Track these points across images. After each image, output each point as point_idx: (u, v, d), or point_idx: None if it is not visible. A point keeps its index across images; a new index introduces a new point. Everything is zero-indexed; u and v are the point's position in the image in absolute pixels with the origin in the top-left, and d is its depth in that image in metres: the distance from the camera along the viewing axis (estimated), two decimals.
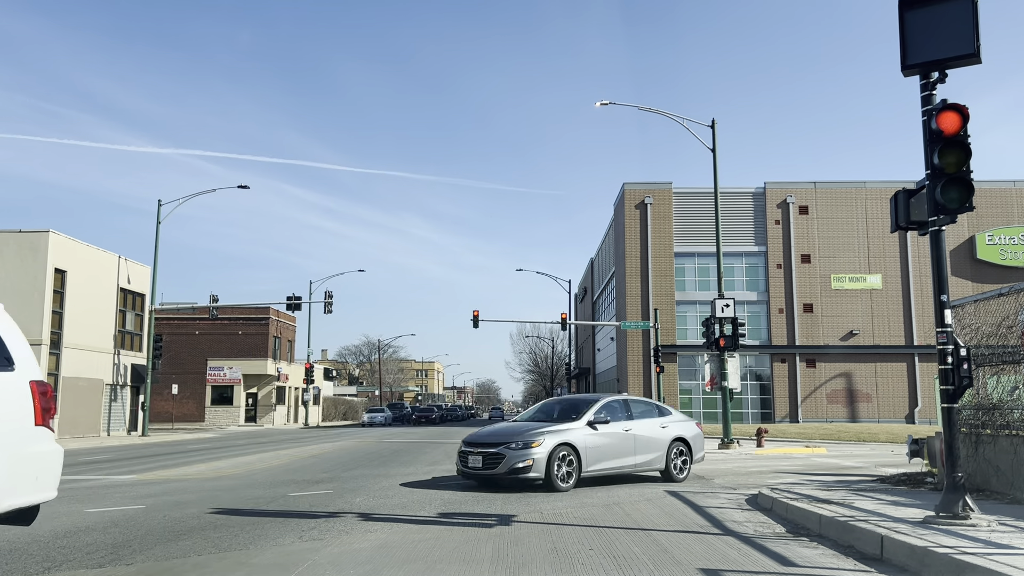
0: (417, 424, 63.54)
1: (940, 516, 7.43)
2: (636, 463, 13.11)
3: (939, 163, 7.50)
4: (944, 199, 7.45)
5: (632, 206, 50.59)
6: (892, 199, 8.30)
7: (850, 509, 8.55)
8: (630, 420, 13.27)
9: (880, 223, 48.77)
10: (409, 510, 9.83)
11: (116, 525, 8.54)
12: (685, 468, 13.93)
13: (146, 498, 11.18)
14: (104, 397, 37.99)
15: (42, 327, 32.77)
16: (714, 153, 25.51)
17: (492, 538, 7.76)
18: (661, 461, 13.53)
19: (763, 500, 10.39)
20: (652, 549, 7.16)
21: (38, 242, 33.28)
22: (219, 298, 45.84)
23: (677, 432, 13.95)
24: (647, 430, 13.40)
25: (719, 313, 23.48)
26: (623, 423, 13.07)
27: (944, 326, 7.69)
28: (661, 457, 13.52)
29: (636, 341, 49.83)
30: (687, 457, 14.02)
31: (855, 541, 7.23)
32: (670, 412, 14.42)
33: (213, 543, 7.48)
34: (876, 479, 12.61)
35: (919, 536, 6.68)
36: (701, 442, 14.69)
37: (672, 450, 13.71)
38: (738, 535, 7.92)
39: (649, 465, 13.35)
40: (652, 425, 13.59)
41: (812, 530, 8.17)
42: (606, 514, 9.51)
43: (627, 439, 12.97)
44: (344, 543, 7.49)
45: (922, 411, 47.18)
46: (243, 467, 17.15)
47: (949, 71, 7.77)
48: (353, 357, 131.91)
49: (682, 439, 14.01)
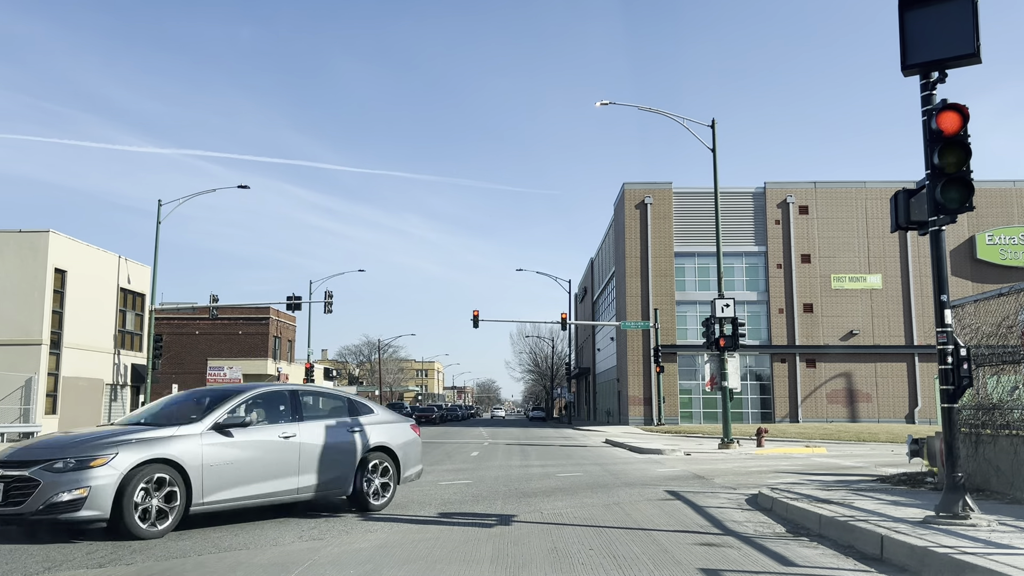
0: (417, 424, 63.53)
1: (940, 516, 7.43)
2: (301, 486, 9.12)
3: (939, 163, 7.50)
4: (944, 199, 7.45)
5: (632, 206, 50.60)
6: (892, 199, 8.31)
7: (850, 509, 8.55)
8: (297, 422, 9.35)
9: (880, 223, 48.79)
10: (409, 510, 9.84)
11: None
12: (387, 491, 9.98)
13: None
14: (104, 397, 38.00)
15: (42, 327, 32.78)
16: (714, 153, 25.50)
17: (492, 538, 7.77)
18: (346, 482, 9.58)
19: (763, 500, 10.39)
20: (652, 549, 7.16)
21: (38, 242, 33.28)
22: (219, 298, 45.88)
23: (377, 439, 10.00)
24: (324, 436, 9.47)
25: (719, 313, 23.48)
26: (282, 426, 9.17)
27: (944, 326, 7.69)
28: (346, 476, 9.57)
29: (636, 341, 49.84)
30: (392, 475, 10.08)
31: (855, 541, 7.24)
32: (371, 410, 10.47)
33: (213, 543, 7.48)
34: (876, 479, 12.61)
35: (919, 536, 6.68)
36: (416, 453, 10.78)
37: (367, 465, 9.77)
38: (738, 535, 7.92)
39: (325, 488, 9.39)
40: (334, 430, 9.67)
41: (812, 530, 8.17)
42: (606, 514, 9.51)
43: (286, 450, 9.02)
44: (344, 543, 7.50)
45: (922, 411, 47.19)
46: None
47: (949, 71, 7.76)
48: (353, 357, 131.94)
49: (385, 449, 10.06)
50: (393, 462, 10.14)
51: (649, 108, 26.90)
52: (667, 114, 26.14)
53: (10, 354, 31.91)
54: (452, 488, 12.48)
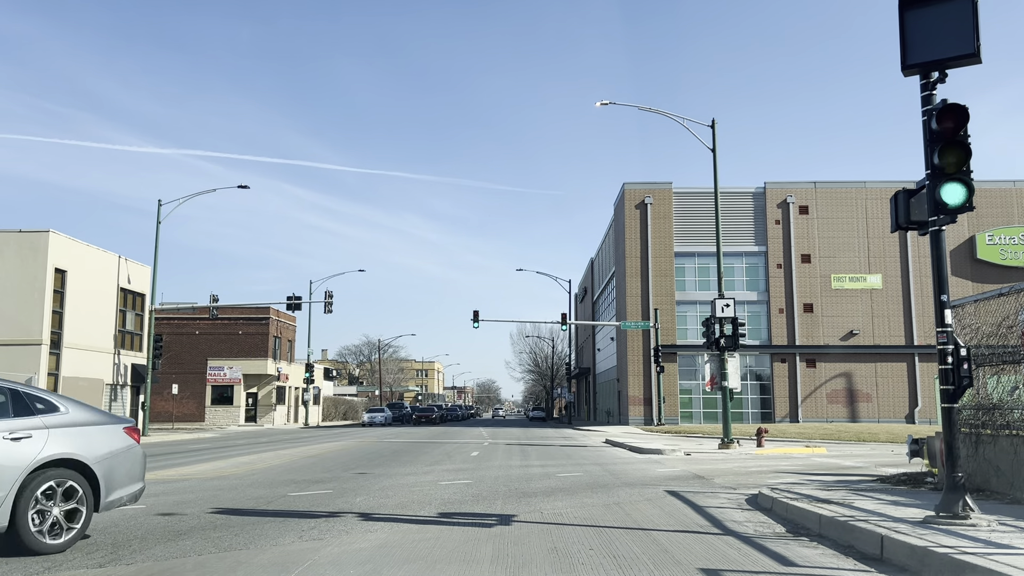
0: (417, 424, 63.53)
1: (940, 516, 7.43)
2: None
3: (939, 163, 7.50)
4: (944, 199, 7.45)
5: (632, 206, 50.58)
6: (892, 199, 8.30)
7: (850, 509, 8.55)
8: None
9: (880, 223, 48.78)
10: (409, 510, 9.84)
11: (116, 525, 8.54)
12: (75, 521, 7.08)
13: (147, 498, 11.15)
14: (104, 397, 37.99)
15: (42, 327, 32.78)
16: (714, 153, 25.50)
17: (492, 538, 7.76)
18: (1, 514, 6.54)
19: (763, 500, 10.39)
20: (652, 549, 7.16)
21: (38, 242, 33.28)
22: (219, 298, 45.87)
23: (58, 449, 7.03)
24: None
25: (719, 313, 23.46)
26: None
27: (944, 326, 7.69)
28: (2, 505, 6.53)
29: (636, 341, 49.82)
30: (84, 499, 7.17)
31: (855, 541, 7.23)
32: (55, 407, 7.36)
33: (213, 543, 7.48)
34: (876, 479, 12.60)
35: (919, 536, 6.67)
36: (130, 467, 7.82)
37: (37, 489, 6.79)
38: (738, 535, 7.92)
39: None
40: None
41: (812, 530, 8.16)
42: (606, 514, 9.51)
43: None
44: (344, 543, 7.49)
45: (922, 411, 47.17)
46: (243, 467, 17.15)
47: (949, 71, 7.76)
48: (353, 357, 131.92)
49: (71, 463, 7.14)
50: (87, 481, 7.23)
51: (649, 108, 26.90)
52: (667, 114, 26.14)
53: (10, 354, 31.91)
54: (452, 488, 12.48)
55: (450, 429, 48.04)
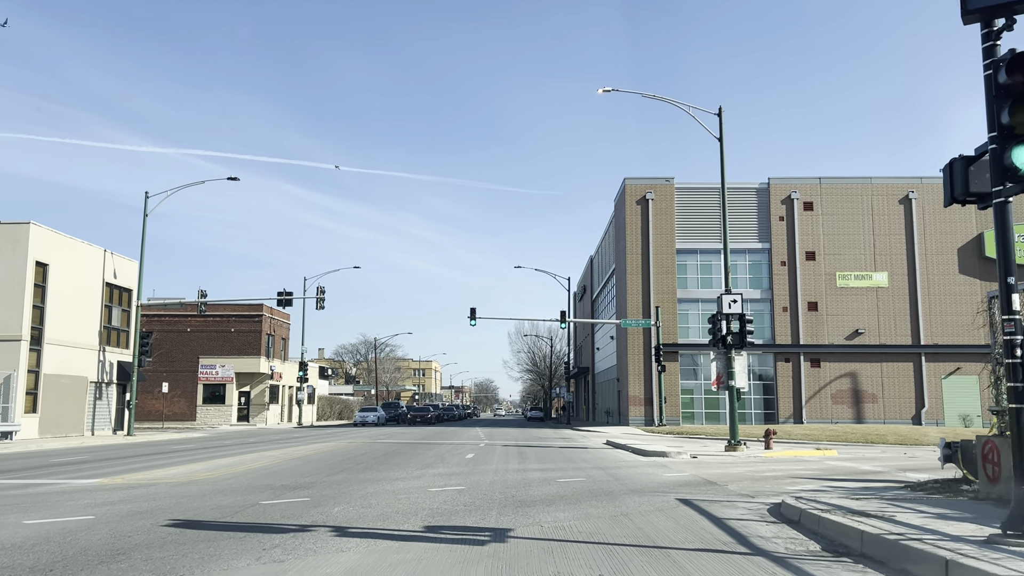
0: (412, 424, 62.32)
1: (1008, 535, 6.33)
2: None
3: (1009, 122, 6.40)
4: (1017, 163, 6.35)
5: (633, 201, 49.47)
6: (946, 168, 7.21)
7: (893, 524, 7.46)
8: None
9: (887, 219, 47.69)
10: (391, 522, 8.72)
11: (49, 541, 7.39)
12: None
13: (101, 506, 10.04)
14: (88, 395, 36.80)
15: (22, 322, 31.59)
16: (721, 142, 24.44)
17: (484, 559, 6.65)
18: None
19: (788, 511, 9.30)
20: (673, 574, 6.06)
21: (18, 234, 32.06)
22: (207, 293, 44.68)
23: None
24: None
25: (726, 309, 22.35)
26: None
27: (1011, 313, 6.60)
28: None
29: (637, 340, 48.72)
30: None
31: (910, 564, 6.14)
32: None
33: (152, 566, 6.30)
34: (904, 486, 11.51)
35: (992, 560, 5.59)
36: None
37: None
38: (769, 555, 6.82)
39: None
40: None
41: (853, 549, 7.08)
42: (614, 527, 8.40)
43: None
44: (310, 566, 6.35)
45: (929, 412, 46.11)
46: (221, 470, 16.02)
47: (1019, 16, 6.67)
48: (350, 356, 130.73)
49: None
50: None
51: (653, 96, 25.82)
52: (671, 101, 25.05)
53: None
54: (443, 496, 11.36)
55: (446, 429, 46.92)
